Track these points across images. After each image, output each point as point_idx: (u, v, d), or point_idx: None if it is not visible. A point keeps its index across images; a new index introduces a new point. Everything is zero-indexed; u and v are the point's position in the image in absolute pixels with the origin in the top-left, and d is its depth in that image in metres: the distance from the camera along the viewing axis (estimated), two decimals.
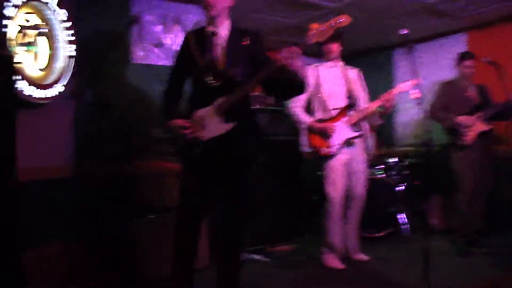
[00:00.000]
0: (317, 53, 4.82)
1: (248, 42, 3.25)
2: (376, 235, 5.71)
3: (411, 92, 4.22)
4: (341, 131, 4.64)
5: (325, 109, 4.74)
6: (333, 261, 4.66)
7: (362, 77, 5.03)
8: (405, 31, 3.73)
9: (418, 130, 6.88)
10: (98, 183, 4.24)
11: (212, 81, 3.16)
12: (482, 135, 5.17)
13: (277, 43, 7.17)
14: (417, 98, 3.92)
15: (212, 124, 3.14)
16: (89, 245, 3.99)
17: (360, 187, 4.79)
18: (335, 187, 4.64)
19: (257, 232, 5.15)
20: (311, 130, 4.72)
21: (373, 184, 5.43)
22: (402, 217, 5.91)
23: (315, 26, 2.93)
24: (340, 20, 2.93)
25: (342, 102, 4.73)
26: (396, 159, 6.31)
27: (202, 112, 3.17)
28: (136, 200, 4.37)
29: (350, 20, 2.97)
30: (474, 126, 5.17)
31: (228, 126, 3.12)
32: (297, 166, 5.73)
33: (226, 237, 3.35)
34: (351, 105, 4.74)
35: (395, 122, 7.80)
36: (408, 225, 5.89)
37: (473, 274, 4.37)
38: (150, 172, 4.51)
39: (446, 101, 5.36)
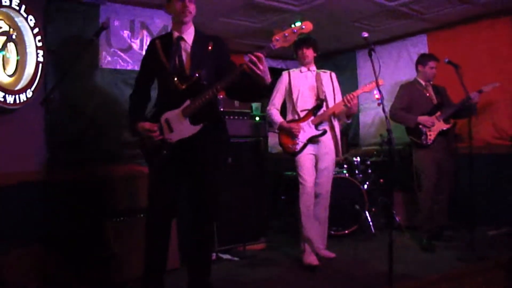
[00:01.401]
0: (282, 56, 4.88)
1: (212, 46, 3.36)
2: (342, 232, 5.81)
3: (375, 93, 4.35)
4: (307, 130, 4.81)
5: (294, 110, 4.92)
6: (310, 257, 4.65)
7: (335, 79, 5.13)
8: (365, 34, 3.81)
9: (380, 130, 7.00)
10: (69, 187, 4.26)
11: (179, 85, 3.25)
12: (442, 133, 5.34)
13: (242, 46, 7.28)
14: (379, 98, 4.03)
15: (179, 126, 3.23)
16: (61, 248, 4.01)
17: (326, 185, 4.87)
18: (304, 182, 4.74)
19: (227, 232, 5.17)
20: (281, 129, 4.90)
21: (337, 183, 5.53)
22: (366, 214, 6.02)
23: (279, 32, 3.04)
24: (303, 27, 3.07)
25: (311, 104, 4.89)
26: (359, 158, 6.45)
27: (169, 114, 3.25)
28: (107, 203, 4.39)
29: (311, 26, 3.11)
30: (434, 125, 5.33)
31: (196, 129, 3.21)
32: (264, 167, 5.77)
33: (195, 237, 3.42)
34: (318, 106, 4.87)
35: (358, 122, 7.92)
36: (372, 222, 6.01)
37: (437, 267, 4.51)
38: (120, 175, 4.53)
39: (407, 102, 5.51)
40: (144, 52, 3.79)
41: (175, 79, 3.26)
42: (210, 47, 3.36)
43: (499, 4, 5.81)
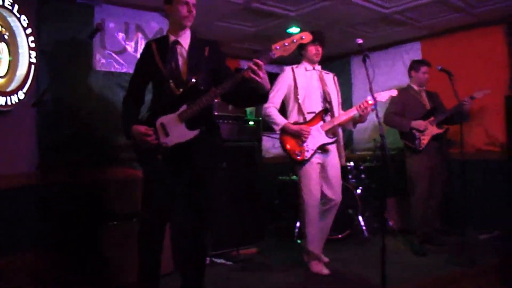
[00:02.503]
0: (278, 61, 4.86)
1: (208, 51, 3.36)
2: (335, 237, 5.81)
3: (369, 99, 4.39)
4: (316, 136, 4.54)
5: (300, 112, 4.64)
6: (318, 267, 4.58)
7: (337, 82, 4.98)
8: (360, 41, 3.83)
9: (374, 135, 7.04)
10: (61, 190, 4.22)
11: (175, 89, 3.23)
12: (435, 138, 5.39)
13: (239, 51, 7.32)
14: (373, 104, 4.07)
15: (176, 131, 3.21)
16: (54, 253, 3.98)
17: (337, 193, 4.66)
18: (310, 193, 4.53)
19: (220, 237, 5.19)
20: (285, 132, 4.58)
21: None
22: (360, 219, 6.04)
23: (279, 41, 3.07)
24: (303, 37, 3.10)
25: (318, 107, 4.65)
26: (353, 163, 6.48)
27: (165, 119, 3.23)
28: (101, 207, 4.35)
29: (311, 37, 3.15)
30: (427, 130, 5.38)
31: (192, 133, 3.20)
32: (258, 171, 5.79)
33: (189, 241, 3.40)
34: (327, 110, 4.67)
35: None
36: (366, 227, 6.03)
37: (429, 271, 4.55)
38: (113, 179, 4.49)
39: (401, 107, 5.55)
40: (138, 55, 3.77)
41: (171, 83, 3.24)
42: (206, 52, 3.35)
43: (493, 14, 5.90)
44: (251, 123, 5.70)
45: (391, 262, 3.59)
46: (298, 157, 4.52)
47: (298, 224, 5.86)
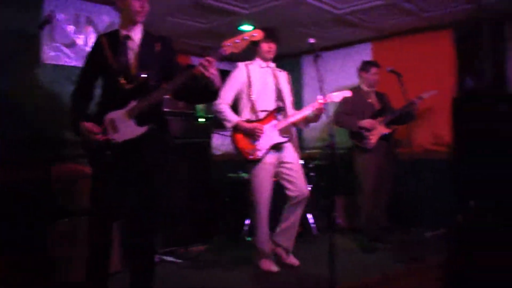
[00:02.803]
0: (230, 58, 4.83)
1: (160, 47, 3.33)
2: None
3: (319, 98, 4.42)
4: (269, 135, 4.48)
5: (253, 110, 4.56)
6: (267, 265, 4.56)
7: (290, 80, 4.94)
8: (312, 40, 3.87)
9: (323, 134, 7.12)
10: (6, 188, 4.10)
11: (124, 85, 3.19)
12: (383, 138, 5.49)
13: (190, 47, 7.27)
14: (323, 104, 4.11)
15: (125, 127, 3.17)
16: (3, 250, 3.88)
17: (300, 187, 4.58)
18: (261, 193, 4.50)
19: (169, 234, 5.16)
20: (237, 130, 4.49)
21: (279, 186, 5.57)
22: (309, 217, 6.09)
23: (229, 38, 3.07)
24: (254, 34, 3.12)
25: (271, 105, 4.60)
26: (303, 162, 6.49)
27: (114, 115, 3.19)
28: (48, 204, 4.25)
29: (263, 34, 3.16)
30: (376, 129, 5.47)
31: (141, 130, 3.17)
32: (208, 168, 5.77)
33: (138, 239, 3.35)
34: (280, 108, 4.63)
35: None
36: (315, 225, 6.08)
37: (376, 268, 4.63)
38: (61, 176, 4.40)
39: (350, 107, 5.61)
40: (88, 48, 3.69)
41: (121, 78, 3.19)
42: (157, 48, 3.32)
43: (442, 18, 6.09)
44: (202, 120, 5.67)
45: (340, 259, 3.62)
46: (250, 156, 4.45)
47: (247, 221, 5.86)
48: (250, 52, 4.61)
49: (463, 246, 5.07)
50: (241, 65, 4.69)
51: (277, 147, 4.53)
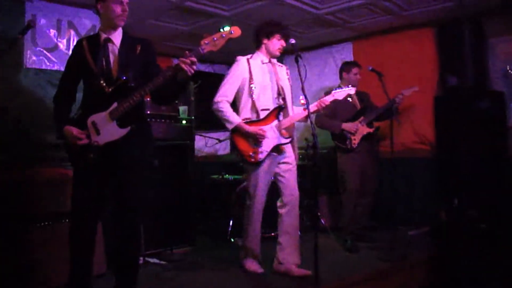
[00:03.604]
0: (209, 59, 4.79)
1: (140, 49, 3.35)
2: (268, 235, 5.77)
3: (301, 98, 4.40)
4: (271, 136, 4.27)
5: (253, 109, 4.31)
6: (253, 265, 4.47)
7: (289, 76, 4.63)
8: (293, 41, 3.88)
9: (305, 134, 7.12)
10: None
11: (105, 87, 3.20)
12: (365, 137, 5.52)
13: (171, 49, 7.26)
14: (304, 103, 4.10)
15: (107, 129, 3.18)
16: None
17: (295, 189, 4.46)
18: (257, 196, 4.35)
19: (154, 236, 5.13)
20: (237, 131, 4.27)
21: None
22: None
23: (207, 36, 3.07)
24: (232, 32, 3.13)
25: (272, 103, 4.36)
26: None
27: (96, 117, 3.20)
28: (30, 207, 4.19)
29: (240, 32, 3.16)
30: (358, 130, 5.49)
31: (123, 131, 3.18)
32: (191, 170, 5.76)
33: (122, 241, 3.36)
34: (281, 107, 4.39)
35: None
36: (299, 225, 6.05)
37: (360, 267, 4.65)
38: (44, 179, 4.33)
39: (332, 108, 5.52)
40: (70, 52, 3.69)
41: (102, 81, 3.21)
42: (138, 50, 3.34)
43: (422, 17, 6.13)
44: (184, 122, 5.65)
45: (324, 259, 3.64)
46: (252, 159, 4.25)
47: (231, 222, 5.88)
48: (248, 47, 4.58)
49: (447, 243, 5.13)
50: (242, 59, 4.40)
51: (278, 149, 4.37)
